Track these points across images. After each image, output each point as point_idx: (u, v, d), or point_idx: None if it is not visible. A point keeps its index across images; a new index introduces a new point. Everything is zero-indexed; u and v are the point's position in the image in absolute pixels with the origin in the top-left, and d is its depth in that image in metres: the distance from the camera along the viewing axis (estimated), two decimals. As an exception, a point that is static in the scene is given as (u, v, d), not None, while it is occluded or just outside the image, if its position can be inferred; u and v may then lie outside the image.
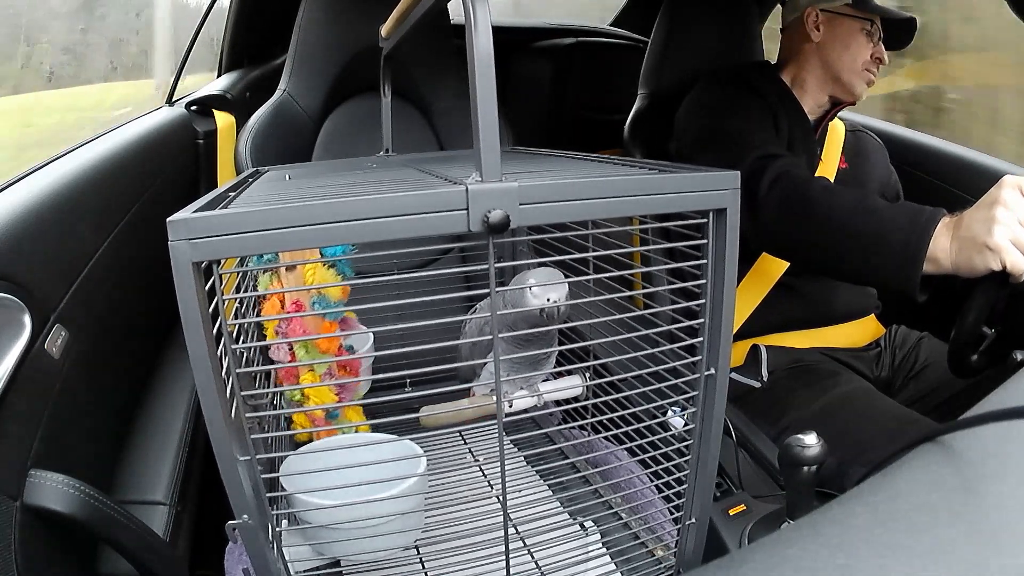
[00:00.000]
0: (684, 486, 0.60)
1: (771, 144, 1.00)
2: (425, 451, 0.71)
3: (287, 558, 0.56)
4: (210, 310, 0.44)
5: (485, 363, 0.81)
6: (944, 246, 0.76)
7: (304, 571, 0.68)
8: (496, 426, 0.54)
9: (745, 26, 1.30)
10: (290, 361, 0.76)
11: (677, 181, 0.50)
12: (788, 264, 1.06)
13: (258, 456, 0.50)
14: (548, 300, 0.71)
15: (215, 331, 0.45)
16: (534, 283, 0.71)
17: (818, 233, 0.86)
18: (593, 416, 0.75)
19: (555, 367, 0.85)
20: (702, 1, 1.28)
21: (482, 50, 0.44)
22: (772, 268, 1.07)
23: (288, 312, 0.75)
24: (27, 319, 0.66)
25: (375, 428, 0.77)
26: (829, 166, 1.12)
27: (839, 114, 1.18)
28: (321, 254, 0.78)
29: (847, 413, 0.92)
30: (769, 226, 0.90)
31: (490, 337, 0.72)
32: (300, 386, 0.75)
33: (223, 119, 1.36)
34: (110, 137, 1.07)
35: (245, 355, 0.64)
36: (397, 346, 0.72)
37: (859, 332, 1.11)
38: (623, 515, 0.77)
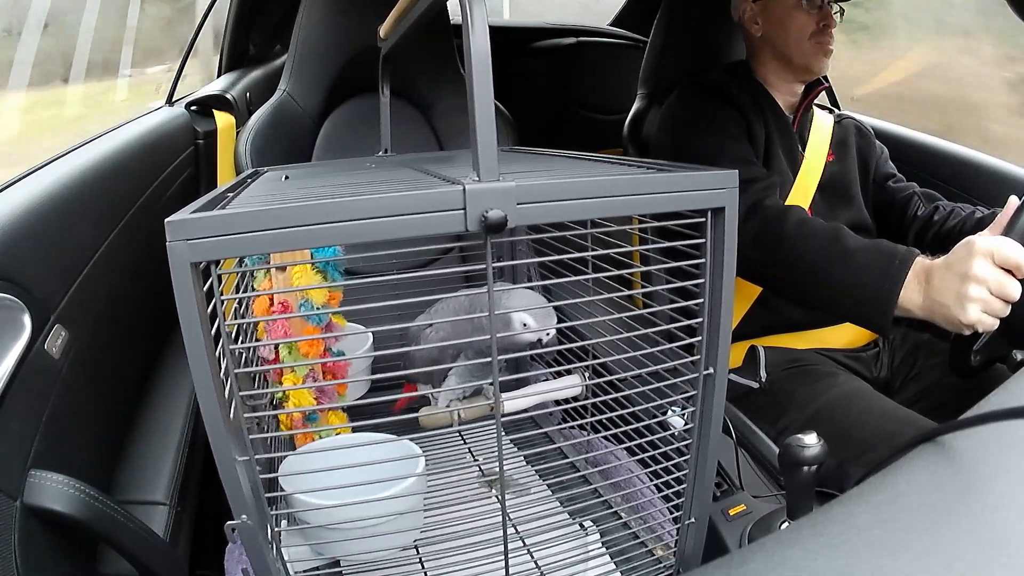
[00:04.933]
0: (684, 486, 0.60)
1: (743, 164, 1.00)
2: (424, 451, 0.71)
3: (286, 558, 0.56)
4: (208, 310, 0.44)
5: (451, 368, 0.82)
6: (916, 301, 0.77)
7: (303, 571, 0.68)
8: (495, 426, 0.54)
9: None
10: (273, 361, 0.76)
11: (675, 180, 0.50)
12: None
13: (257, 456, 0.50)
14: (548, 335, 0.72)
15: (213, 331, 0.45)
16: (528, 319, 0.72)
17: (791, 273, 0.89)
18: (592, 416, 0.75)
19: (555, 367, 0.85)
20: (701, 1, 1.28)
21: (479, 49, 0.44)
22: None
23: (275, 312, 0.75)
24: (27, 319, 0.66)
25: (373, 428, 0.77)
26: (815, 162, 1.11)
27: (830, 107, 1.16)
28: (311, 256, 0.78)
29: (846, 413, 0.91)
30: (742, 256, 0.89)
31: (454, 342, 0.73)
32: (280, 388, 0.75)
33: (223, 119, 1.37)
34: (110, 137, 1.07)
35: (244, 355, 0.64)
36: (397, 346, 0.72)
37: (858, 333, 1.10)
38: (623, 515, 0.77)
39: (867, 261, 0.81)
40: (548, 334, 0.73)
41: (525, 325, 0.72)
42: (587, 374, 0.80)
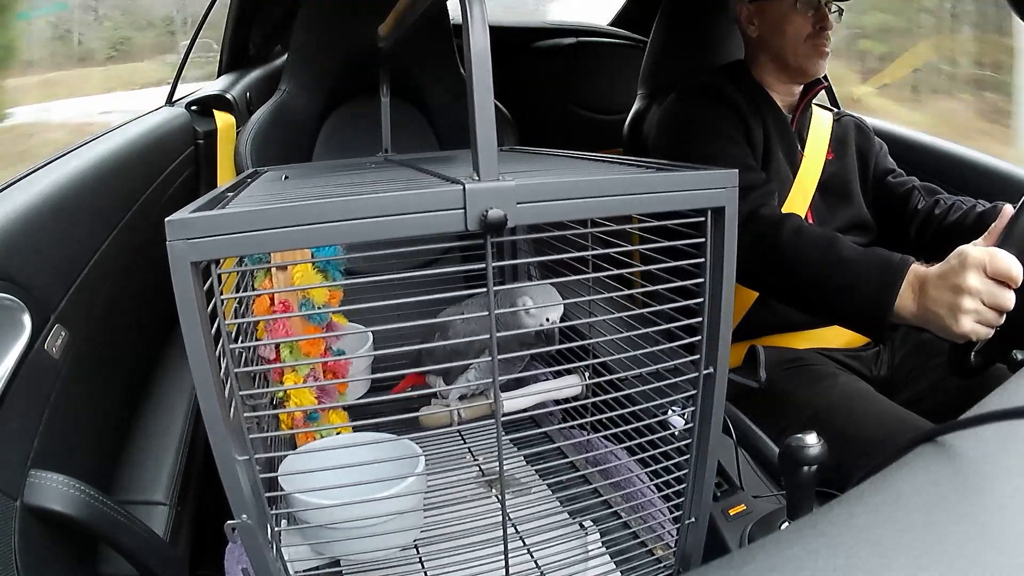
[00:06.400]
0: (684, 485, 0.60)
1: (741, 169, 1.00)
2: (424, 451, 0.71)
3: (286, 558, 0.56)
4: (208, 310, 0.44)
5: (465, 366, 0.82)
6: (911, 309, 0.78)
7: (303, 571, 0.68)
8: (495, 425, 0.54)
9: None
10: (274, 360, 0.76)
11: (674, 180, 0.50)
12: None
13: (257, 456, 0.50)
14: (547, 320, 0.72)
15: (213, 331, 0.45)
16: (531, 303, 0.73)
17: (788, 282, 0.90)
18: (592, 415, 0.75)
19: (554, 367, 0.85)
20: (701, 1, 1.28)
21: (479, 48, 0.44)
22: None
23: (275, 311, 0.75)
24: (27, 319, 0.66)
25: (373, 427, 0.77)
26: (814, 160, 1.10)
27: (829, 106, 1.16)
28: (312, 256, 0.78)
29: (846, 413, 0.91)
30: (739, 264, 0.90)
31: (476, 338, 0.73)
32: (280, 387, 0.75)
33: (223, 119, 1.36)
34: (110, 137, 1.07)
35: (244, 355, 0.64)
36: (397, 345, 0.72)
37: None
38: (623, 514, 0.77)
39: (862, 270, 0.82)
40: (548, 319, 0.73)
41: (529, 313, 0.73)
42: (587, 374, 0.80)
